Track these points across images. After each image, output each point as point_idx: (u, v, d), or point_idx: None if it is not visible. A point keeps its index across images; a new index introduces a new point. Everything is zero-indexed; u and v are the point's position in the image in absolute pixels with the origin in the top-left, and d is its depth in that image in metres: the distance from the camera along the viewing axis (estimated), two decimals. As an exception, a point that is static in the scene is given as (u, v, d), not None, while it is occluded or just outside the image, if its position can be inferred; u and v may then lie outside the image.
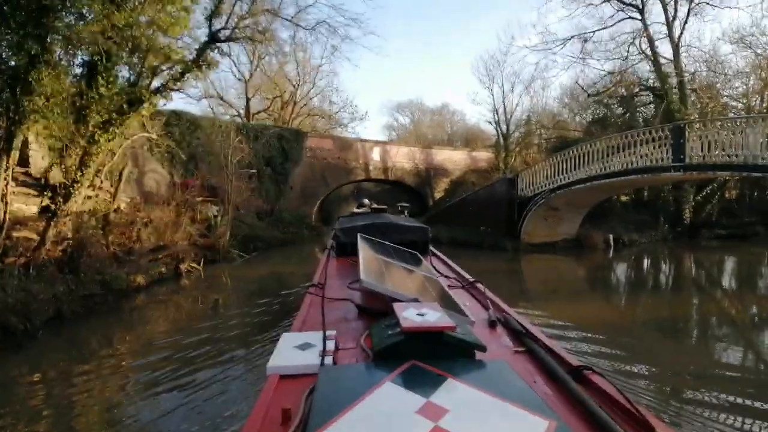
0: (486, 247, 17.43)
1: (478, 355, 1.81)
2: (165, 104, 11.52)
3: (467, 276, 3.99)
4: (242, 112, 32.09)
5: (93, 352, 7.03)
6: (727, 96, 23.46)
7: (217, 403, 4.91)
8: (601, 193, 17.12)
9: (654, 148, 13.84)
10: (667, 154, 13.33)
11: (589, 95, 24.60)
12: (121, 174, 12.30)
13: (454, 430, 1.22)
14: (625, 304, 10.72)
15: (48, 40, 7.87)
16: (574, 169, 15.50)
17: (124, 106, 9.28)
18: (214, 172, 17.85)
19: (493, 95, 29.24)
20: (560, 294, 11.27)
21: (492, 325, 2.50)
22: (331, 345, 1.99)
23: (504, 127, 28.78)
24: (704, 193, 21.04)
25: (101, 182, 11.54)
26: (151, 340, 7.55)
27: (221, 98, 32.98)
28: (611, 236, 18.05)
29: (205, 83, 32.32)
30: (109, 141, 9.49)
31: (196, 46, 10.21)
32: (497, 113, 29.08)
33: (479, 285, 3.50)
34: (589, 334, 7.42)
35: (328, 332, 2.11)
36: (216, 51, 10.09)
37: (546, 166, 16.64)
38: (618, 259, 16.90)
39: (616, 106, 25.48)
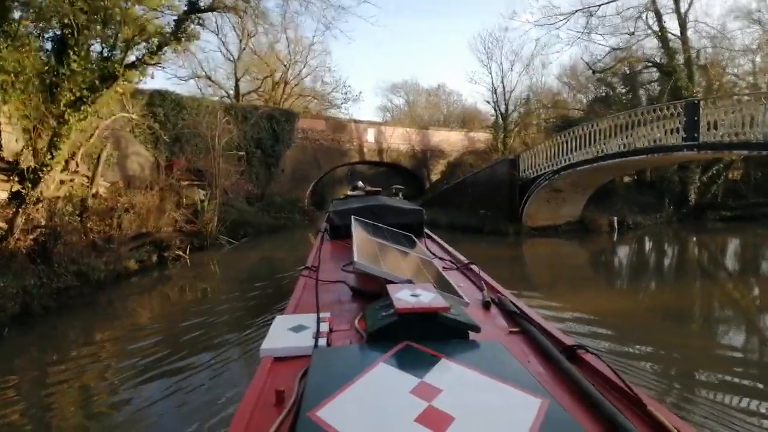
0: (486, 232, 16.75)
1: (472, 335, 1.80)
2: (144, 81, 10.65)
3: (462, 258, 3.96)
4: (232, 93, 31.02)
5: (65, 352, 6.31)
6: (731, 74, 22.69)
7: (204, 409, 4.33)
8: (607, 173, 16.46)
9: (663, 126, 13.16)
10: (678, 132, 12.65)
11: (594, 72, 23.73)
12: (99, 157, 11.47)
13: (448, 409, 1.22)
14: (631, 291, 10.08)
15: (5, 5, 6.98)
16: (579, 149, 14.79)
17: (97, 82, 8.40)
18: (201, 154, 17.00)
19: (491, 74, 28.34)
20: (565, 281, 10.66)
21: (486, 306, 2.50)
22: (324, 327, 1.98)
23: (503, 107, 27.93)
24: (710, 173, 20.39)
25: (77, 166, 10.70)
26: (130, 337, 6.85)
27: (209, 78, 31.85)
28: (615, 219, 17.44)
29: (193, 63, 31.45)
30: (81, 121, 8.63)
31: (175, 17, 9.29)
32: (496, 93, 28.26)
33: (473, 267, 3.47)
34: (598, 326, 6.90)
35: (321, 314, 2.10)
36: (197, 22, 9.19)
37: (548, 147, 15.89)
38: (623, 243, 16.31)
39: (619, 84, 24.67)
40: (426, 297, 1.85)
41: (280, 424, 1.30)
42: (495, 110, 29.10)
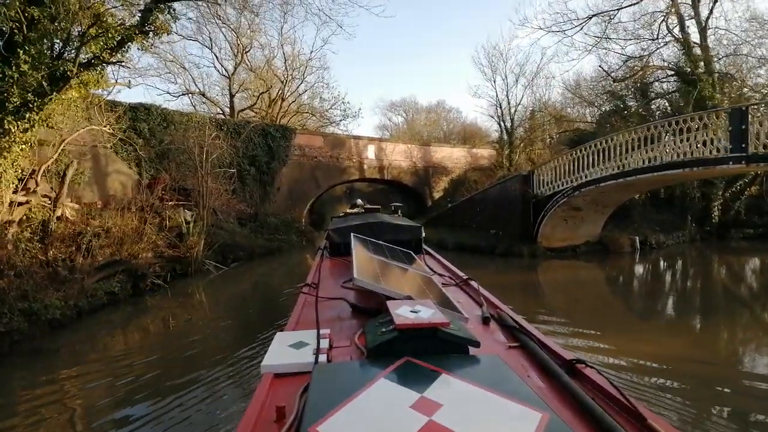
0: (498, 253, 15.36)
1: (472, 350, 1.79)
2: (118, 91, 9.33)
3: (461, 274, 3.97)
4: (227, 110, 29.95)
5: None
6: (749, 85, 21.55)
7: None
8: (632, 190, 15.17)
9: (695, 137, 11.86)
10: (713, 143, 11.36)
11: (614, 81, 22.50)
12: (64, 175, 10.13)
13: (448, 423, 1.21)
14: (673, 327, 8.56)
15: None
16: (599, 164, 13.49)
17: (45, 84, 7.06)
18: (190, 173, 15.67)
19: (495, 88, 27.25)
20: (594, 314, 9.20)
21: (485, 321, 2.50)
22: (325, 343, 1.98)
23: (508, 122, 26.79)
24: (734, 188, 19.03)
25: (36, 185, 9.35)
26: (74, 394, 5.46)
27: (203, 95, 30.79)
28: (637, 238, 16.09)
29: (186, 79, 30.48)
30: (25, 132, 7.27)
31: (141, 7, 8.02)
32: (500, 107, 27.15)
33: (473, 282, 3.48)
34: (645, 375, 5.59)
35: (322, 331, 2.10)
36: (168, 12, 7.92)
37: (566, 162, 14.59)
38: (648, 265, 14.91)
39: (631, 96, 23.51)
40: (425, 313, 1.86)
41: None
42: (499, 125, 28.03)
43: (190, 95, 30.83)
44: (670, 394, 5.06)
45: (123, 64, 8.49)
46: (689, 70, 19.27)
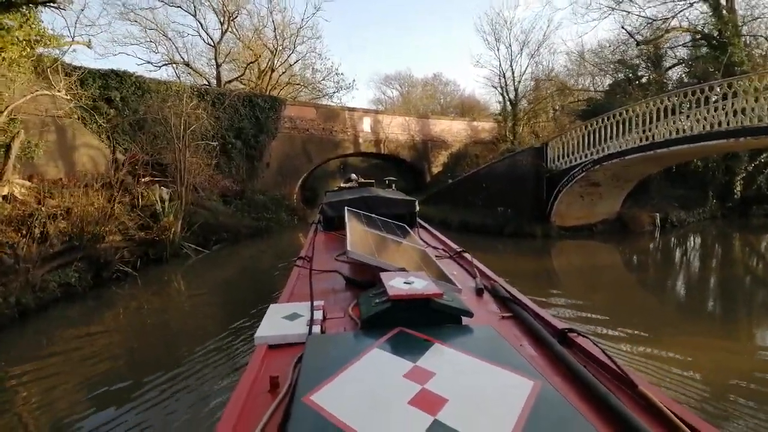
0: (508, 234, 14.07)
1: (465, 320, 1.80)
2: (72, 50, 7.80)
3: (454, 246, 3.96)
4: (213, 82, 28.18)
5: None
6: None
7: None
8: (661, 163, 13.82)
9: (732, 105, 10.43)
10: (753, 111, 9.94)
11: (638, 44, 20.84)
12: (9, 148, 8.68)
13: (441, 391, 1.22)
14: (724, 329, 7.38)
15: None
16: (626, 134, 12.02)
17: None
18: (168, 146, 14.17)
19: (499, 56, 25.68)
20: (625, 305, 7.98)
21: (479, 292, 2.51)
22: (318, 315, 1.97)
23: (511, 93, 25.25)
24: (757, 162, 17.63)
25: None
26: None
27: (188, 65, 28.95)
28: (658, 216, 14.82)
29: (169, 48, 28.63)
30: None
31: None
32: (503, 77, 25.56)
33: (466, 255, 3.48)
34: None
35: (315, 302, 2.09)
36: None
37: (584, 132, 13.12)
38: (671, 245, 13.69)
39: (642, 66, 21.98)
40: (419, 284, 1.85)
41: (275, 409, 1.29)
42: (502, 97, 26.50)
43: (174, 65, 29.09)
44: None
45: (55, 5, 6.93)
46: (717, 33, 17.70)
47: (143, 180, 12.98)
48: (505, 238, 13.97)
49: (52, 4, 6.92)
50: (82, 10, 19.19)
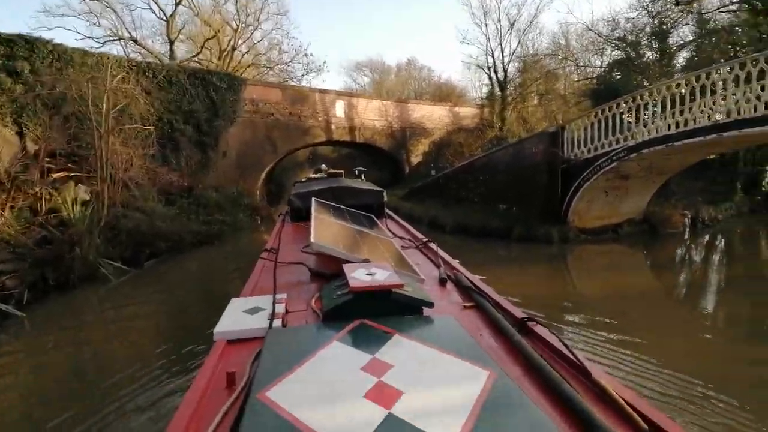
0: (516, 238, 11.66)
1: (427, 311, 1.77)
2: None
3: (420, 236, 3.96)
4: (166, 61, 24.91)
5: None
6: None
7: None
8: (711, 150, 11.76)
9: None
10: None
11: (677, 3, 18.55)
12: None
13: (397, 384, 1.20)
14: None
15: None
16: (676, 115, 9.58)
17: None
18: (89, 131, 11.19)
19: (487, 32, 23.21)
20: (679, 342, 5.77)
21: (442, 282, 2.47)
22: (280, 308, 1.90)
23: (501, 74, 22.90)
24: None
25: None
26: None
27: (135, 41, 25.54)
28: (689, 214, 12.68)
29: (115, 22, 25.14)
30: None
31: None
32: (492, 56, 23.17)
33: (432, 245, 3.44)
34: None
35: (278, 296, 2.04)
36: None
37: (614, 112, 10.62)
38: (708, 249, 11.57)
39: (645, 44, 19.89)
40: (381, 275, 1.82)
41: (230, 407, 1.24)
42: (490, 78, 24.17)
43: (120, 41, 25.62)
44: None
45: None
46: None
47: (53, 176, 10.05)
48: (513, 242, 11.54)
49: None
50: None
